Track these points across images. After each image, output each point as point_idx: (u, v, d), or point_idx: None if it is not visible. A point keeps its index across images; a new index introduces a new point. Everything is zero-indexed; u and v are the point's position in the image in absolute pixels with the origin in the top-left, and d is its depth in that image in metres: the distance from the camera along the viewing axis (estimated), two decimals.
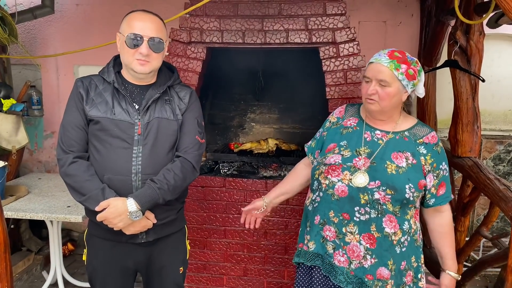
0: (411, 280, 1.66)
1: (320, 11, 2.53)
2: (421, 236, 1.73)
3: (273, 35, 2.57)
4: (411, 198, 1.58)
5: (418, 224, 1.70)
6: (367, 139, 1.68)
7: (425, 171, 1.62)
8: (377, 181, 1.57)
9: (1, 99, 2.91)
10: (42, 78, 3.60)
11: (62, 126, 1.67)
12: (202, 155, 1.82)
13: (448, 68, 2.49)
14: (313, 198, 1.73)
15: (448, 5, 2.58)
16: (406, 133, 1.67)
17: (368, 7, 3.23)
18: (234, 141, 3.37)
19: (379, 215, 1.57)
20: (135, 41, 1.60)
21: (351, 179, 1.60)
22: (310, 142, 1.91)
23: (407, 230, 1.61)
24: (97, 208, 1.58)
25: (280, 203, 1.97)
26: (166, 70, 1.82)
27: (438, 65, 2.80)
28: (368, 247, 1.59)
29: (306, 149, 1.92)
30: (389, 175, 1.57)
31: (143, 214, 1.62)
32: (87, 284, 3.02)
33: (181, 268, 1.88)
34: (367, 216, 1.58)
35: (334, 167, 1.64)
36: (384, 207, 1.57)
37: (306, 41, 2.54)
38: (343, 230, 1.61)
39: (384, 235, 1.58)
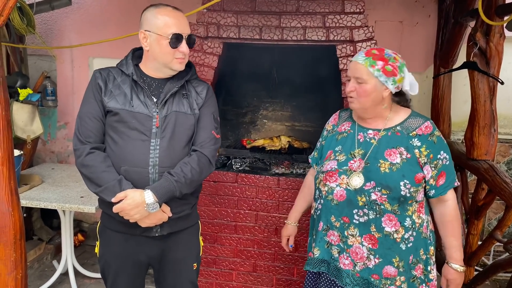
0: (421, 272, 1.66)
1: (338, 9, 2.52)
2: (429, 227, 1.71)
3: (290, 32, 2.57)
4: (408, 195, 1.57)
5: (424, 217, 1.68)
6: (361, 140, 1.69)
7: (421, 163, 1.61)
8: (372, 182, 1.59)
9: (18, 88, 2.93)
10: (57, 69, 3.62)
11: (79, 117, 1.68)
12: (217, 150, 1.83)
13: (462, 70, 2.47)
14: (316, 206, 1.78)
15: (467, 6, 2.55)
16: (398, 127, 1.66)
17: (385, 7, 3.21)
18: (245, 137, 3.37)
19: (378, 216, 1.59)
20: (177, 41, 1.61)
21: (348, 182, 1.62)
22: (313, 153, 1.94)
23: (410, 226, 1.61)
24: (113, 200, 1.58)
25: None
26: None
27: (455, 66, 2.78)
28: (371, 247, 1.60)
29: (310, 160, 1.94)
30: (382, 175, 1.58)
31: (160, 206, 1.62)
32: (97, 275, 3.07)
33: (195, 264, 1.87)
34: (365, 217, 1.60)
35: (331, 173, 1.67)
36: (382, 207, 1.58)
37: (323, 38, 2.54)
38: (345, 233, 1.64)
39: (384, 234, 1.59)
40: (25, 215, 3.25)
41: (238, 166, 2.80)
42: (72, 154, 3.71)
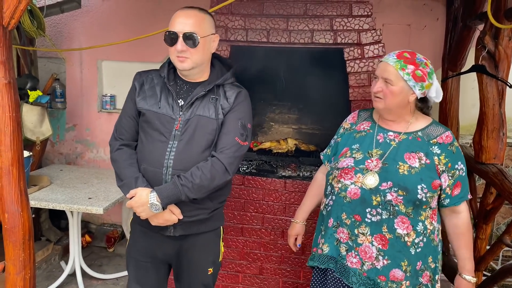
0: (428, 280, 1.65)
1: (346, 12, 2.53)
2: (439, 236, 1.71)
3: (298, 35, 2.57)
4: (424, 199, 1.57)
5: (436, 224, 1.68)
6: (380, 140, 1.70)
7: (439, 171, 1.62)
8: (389, 182, 1.58)
9: (28, 90, 2.96)
10: (66, 72, 3.66)
11: (119, 115, 1.80)
12: (240, 158, 1.74)
13: (471, 73, 2.46)
14: (327, 202, 1.76)
15: (476, 9, 2.54)
16: (419, 133, 1.67)
17: (392, 10, 3.20)
18: (252, 140, 3.37)
19: (391, 216, 1.58)
20: (171, 39, 1.63)
21: (362, 181, 1.61)
22: (325, 150, 1.94)
23: (421, 231, 1.61)
24: (128, 195, 1.65)
25: None
26: (220, 67, 1.81)
27: (463, 70, 2.77)
28: (380, 248, 1.59)
29: (322, 157, 1.94)
30: (401, 176, 1.58)
31: (164, 208, 1.64)
32: (104, 276, 3.09)
33: (210, 269, 1.85)
34: (378, 217, 1.59)
35: (347, 170, 1.66)
36: (397, 208, 1.58)
37: (331, 41, 2.54)
38: (355, 231, 1.63)
39: (396, 236, 1.59)
40: (33, 216, 3.28)
41: (245, 169, 2.80)
42: (80, 155, 3.77)
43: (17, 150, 1.54)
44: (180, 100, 1.70)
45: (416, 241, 1.60)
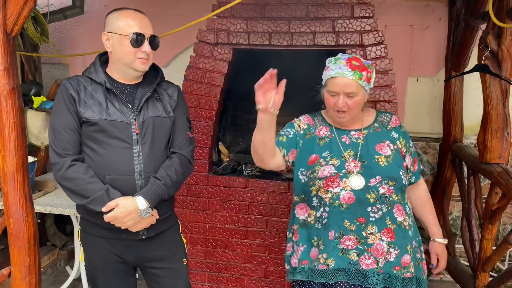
0: (420, 253, 1.75)
1: (347, 14, 2.53)
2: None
3: (300, 37, 2.57)
4: (406, 183, 1.69)
5: (409, 202, 1.80)
6: (346, 142, 1.72)
7: (403, 153, 1.73)
8: (377, 177, 1.63)
9: (32, 96, 2.98)
10: None
11: (53, 129, 1.63)
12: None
13: (474, 73, 2.45)
14: (318, 215, 1.70)
15: (478, 9, 2.54)
16: (375, 124, 1.77)
17: (394, 11, 3.20)
18: None
19: (389, 208, 1.64)
20: (138, 40, 1.62)
21: (350, 184, 1.62)
22: (278, 137, 1.78)
23: (409, 212, 1.72)
24: (104, 209, 1.57)
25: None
26: (151, 68, 1.80)
27: (466, 69, 2.76)
28: (390, 241, 1.62)
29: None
30: (384, 168, 1.64)
31: (152, 210, 1.65)
32: None
33: (184, 259, 1.89)
34: (380, 212, 1.62)
35: (332, 178, 1.64)
36: (391, 198, 1.64)
37: (333, 43, 2.54)
38: (363, 234, 1.62)
39: (398, 225, 1.64)
40: (38, 221, 3.30)
41: (248, 171, 2.80)
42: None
43: (22, 156, 1.55)
44: (128, 104, 1.67)
45: (409, 223, 1.70)
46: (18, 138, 1.53)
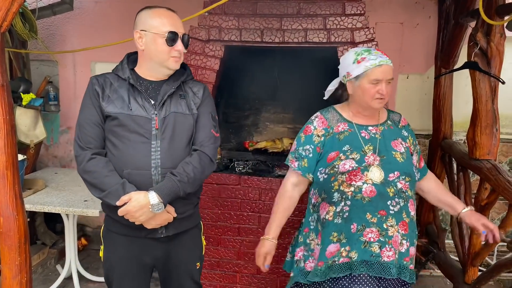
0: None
1: (339, 11, 2.54)
2: None
3: (292, 34, 2.58)
4: (417, 179, 1.80)
5: None
6: (366, 137, 1.75)
7: (411, 151, 1.81)
8: (395, 172, 1.68)
9: (21, 93, 2.95)
10: (59, 74, 3.64)
11: (79, 124, 1.68)
12: (217, 150, 1.84)
13: (463, 71, 2.48)
14: (338, 210, 1.70)
15: (468, 7, 2.56)
16: (388, 121, 1.82)
17: (385, 9, 3.22)
18: (248, 139, 3.37)
19: (405, 202, 1.70)
20: (173, 39, 1.63)
21: (371, 178, 1.66)
22: (296, 162, 1.81)
23: (415, 207, 1.79)
24: (118, 203, 1.58)
25: None
26: None
27: (456, 67, 2.79)
28: (403, 233, 1.69)
29: (299, 171, 1.81)
30: (401, 164, 1.71)
31: (165, 207, 1.63)
32: (101, 279, 3.06)
33: (198, 263, 1.88)
34: (398, 206, 1.68)
35: (354, 172, 1.68)
36: (407, 193, 1.71)
37: (324, 40, 2.55)
38: (384, 226, 1.66)
39: (411, 218, 1.72)
40: (28, 219, 3.26)
41: (241, 169, 2.80)
42: (74, 158, 3.74)
43: (11, 154, 1.53)
44: (151, 99, 1.68)
45: (415, 217, 1.78)
46: (8, 135, 1.51)
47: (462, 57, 2.74)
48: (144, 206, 1.58)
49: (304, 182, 1.85)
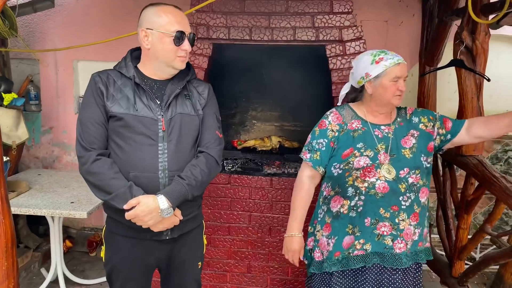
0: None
1: (327, 9, 2.55)
2: None
3: (280, 32, 2.57)
4: (428, 165, 1.83)
5: None
6: (379, 136, 1.83)
7: (429, 130, 1.86)
8: (405, 169, 1.77)
9: (2, 93, 2.86)
10: (41, 73, 3.54)
11: (81, 122, 1.61)
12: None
13: (447, 68, 2.52)
14: (353, 204, 1.79)
15: (451, 5, 2.60)
16: (398, 119, 1.88)
17: (369, 7, 3.25)
18: (235, 138, 3.36)
19: (416, 194, 1.78)
20: (181, 38, 1.59)
21: (384, 175, 1.75)
22: (309, 154, 1.88)
23: (428, 190, 1.86)
24: (125, 206, 1.54)
25: None
26: None
27: (440, 65, 2.83)
28: (415, 223, 1.79)
29: (310, 163, 1.87)
30: (410, 159, 1.78)
31: (174, 210, 1.60)
32: (87, 281, 3.02)
33: (199, 263, 1.88)
34: (409, 200, 1.77)
35: (369, 169, 1.76)
36: (418, 185, 1.78)
37: (313, 38, 2.55)
38: (396, 220, 1.76)
39: (422, 206, 1.81)
40: None
41: (230, 167, 2.79)
42: (57, 159, 3.66)
43: None
44: (156, 99, 1.64)
45: (428, 197, 1.85)
46: None
47: (446, 55, 2.79)
48: (153, 210, 1.54)
49: (317, 175, 1.91)
